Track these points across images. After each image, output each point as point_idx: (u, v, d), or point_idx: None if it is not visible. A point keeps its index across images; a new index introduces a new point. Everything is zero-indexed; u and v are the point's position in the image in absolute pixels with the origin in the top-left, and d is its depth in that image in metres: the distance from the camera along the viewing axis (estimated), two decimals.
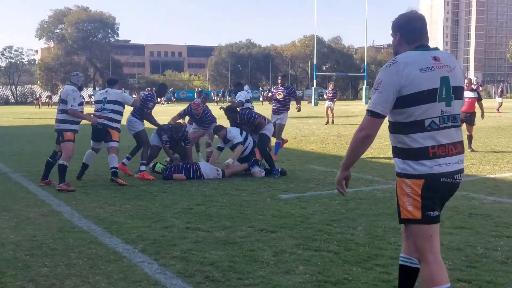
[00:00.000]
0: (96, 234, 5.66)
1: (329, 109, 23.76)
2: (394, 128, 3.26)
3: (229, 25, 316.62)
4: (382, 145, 14.45)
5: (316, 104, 50.79)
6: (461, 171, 3.23)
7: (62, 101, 8.62)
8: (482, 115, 13.72)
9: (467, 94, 12.90)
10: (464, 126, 12.80)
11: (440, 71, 3.11)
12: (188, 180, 9.01)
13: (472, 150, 12.88)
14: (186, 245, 5.21)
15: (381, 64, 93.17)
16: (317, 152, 13.13)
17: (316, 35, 60.82)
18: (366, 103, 54.88)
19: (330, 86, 25.23)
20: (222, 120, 11.31)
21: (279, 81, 13.02)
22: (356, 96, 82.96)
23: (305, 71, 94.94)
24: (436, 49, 3.23)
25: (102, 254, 4.96)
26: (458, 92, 3.18)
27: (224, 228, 5.83)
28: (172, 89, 67.40)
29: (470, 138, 13.17)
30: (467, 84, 13.16)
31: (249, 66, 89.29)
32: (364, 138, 3.27)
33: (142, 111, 9.75)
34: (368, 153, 12.60)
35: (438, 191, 3.17)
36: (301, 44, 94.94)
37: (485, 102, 12.19)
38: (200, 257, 4.84)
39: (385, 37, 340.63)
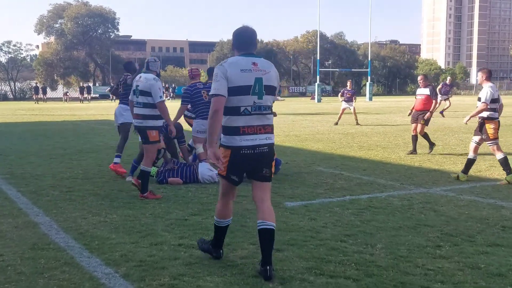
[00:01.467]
0: (73, 253, 4.86)
1: (345, 110, 20.85)
2: (224, 112, 4.25)
3: (231, 20, 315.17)
4: (392, 144, 13.67)
5: (319, 101, 49.83)
6: (268, 144, 4.35)
7: (143, 92, 7.30)
8: (430, 113, 12.00)
9: (422, 91, 12.22)
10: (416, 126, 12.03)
11: (256, 73, 4.27)
12: (185, 185, 8.22)
13: (431, 149, 11.89)
14: (177, 269, 4.41)
15: (384, 60, 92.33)
16: (324, 152, 12.31)
17: (319, 31, 59.86)
18: (370, 99, 54.04)
19: (349, 84, 21.73)
20: None
21: None
22: (359, 92, 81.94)
23: (308, 67, 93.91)
24: (258, 56, 4.40)
25: (76, 280, 4.16)
26: (269, 89, 4.34)
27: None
28: (173, 85, 66.54)
29: (425, 137, 12.05)
30: (421, 81, 12.37)
31: None
32: (215, 113, 4.19)
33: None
34: (378, 153, 11.82)
35: (240, 160, 4.28)
36: (303, 40, 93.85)
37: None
38: (193, 285, 4.05)
39: (388, 33, 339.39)
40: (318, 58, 56.05)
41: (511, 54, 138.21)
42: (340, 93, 21.62)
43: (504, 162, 8.46)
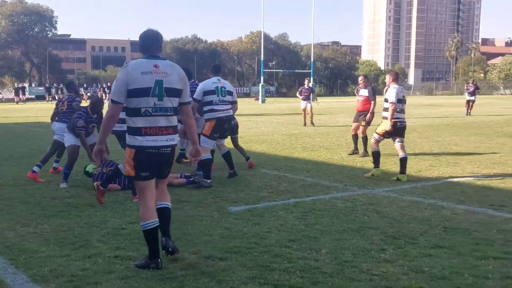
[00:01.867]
0: None
1: (306, 110, 20.27)
2: (127, 113, 4.45)
3: (175, 20, 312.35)
4: (334, 145, 13.73)
5: (263, 102, 49.90)
6: (170, 146, 4.50)
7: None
8: (371, 114, 11.82)
9: (362, 92, 12.12)
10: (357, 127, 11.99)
11: (157, 76, 4.40)
12: (123, 191, 7.89)
13: (366, 154, 11.51)
14: (112, 283, 4.14)
15: (326, 61, 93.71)
16: (268, 154, 12.21)
17: (263, 32, 60.02)
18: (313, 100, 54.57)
19: (306, 83, 21.30)
20: None
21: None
22: None
23: (252, 68, 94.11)
24: (162, 59, 4.50)
25: None
26: (170, 92, 4.46)
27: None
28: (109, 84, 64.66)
29: (364, 139, 11.80)
30: (361, 82, 12.25)
31: (195, 62, 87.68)
32: (109, 118, 4.47)
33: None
34: (322, 154, 11.82)
35: (145, 159, 4.43)
36: (247, 40, 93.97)
37: (425, 99, 11.22)
38: None
39: (331, 35, 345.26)
40: (262, 59, 56.13)
41: (446, 56, 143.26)
42: (298, 91, 21.24)
43: (374, 155, 9.12)
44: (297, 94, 21.33)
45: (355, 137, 12.15)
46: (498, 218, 6.08)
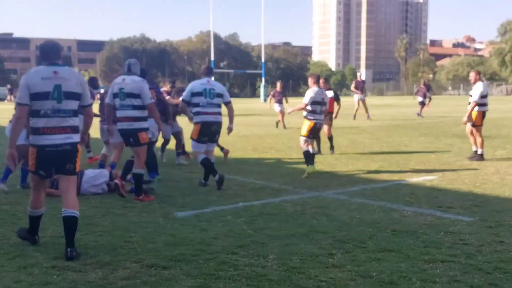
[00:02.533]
0: None
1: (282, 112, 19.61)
2: (30, 114, 4.85)
3: (122, 19, 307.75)
4: (285, 147, 13.68)
5: None
6: (69, 143, 4.92)
7: (130, 95, 7.22)
8: (335, 116, 12.78)
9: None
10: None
11: (56, 81, 4.82)
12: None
13: (333, 152, 12.16)
14: None
15: (277, 61, 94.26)
16: (218, 156, 11.97)
17: (213, 31, 59.78)
18: (265, 100, 54.56)
19: (278, 85, 20.70)
20: None
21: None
22: (254, 94, 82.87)
23: None
24: (62, 65, 4.96)
25: None
26: (69, 95, 4.89)
27: (102, 266, 4.55)
28: None
29: (330, 139, 12.33)
30: (321, 84, 11.90)
31: (144, 61, 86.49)
32: (17, 120, 4.92)
33: None
34: (272, 156, 11.72)
35: (45, 157, 4.88)
36: (197, 40, 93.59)
37: (376, 100, 11.52)
38: None
39: (282, 35, 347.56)
40: (212, 59, 55.92)
41: (396, 57, 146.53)
42: (271, 95, 20.79)
43: (305, 155, 9.40)
44: (269, 97, 21.08)
45: (318, 138, 11.87)
46: (446, 220, 6.10)
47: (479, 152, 10.99)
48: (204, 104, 8.25)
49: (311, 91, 9.41)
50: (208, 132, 8.31)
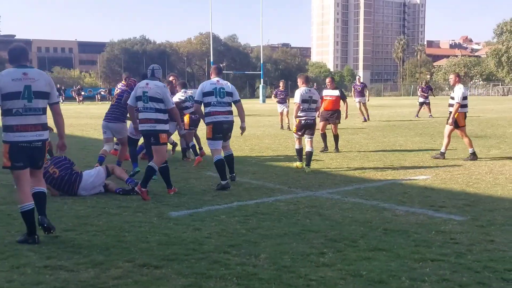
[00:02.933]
0: None
1: (283, 113, 19.41)
2: (2, 113, 5.29)
3: (123, 20, 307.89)
4: (282, 147, 13.71)
5: None
6: (40, 140, 5.37)
7: (153, 99, 7.62)
8: (346, 115, 13.80)
9: (331, 92, 12.91)
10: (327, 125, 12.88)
11: (25, 82, 5.24)
12: (61, 196, 7.60)
13: (338, 151, 12.55)
14: None
15: (276, 62, 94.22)
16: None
17: (212, 33, 59.82)
18: (264, 101, 54.71)
19: (281, 85, 20.12)
20: None
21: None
22: (253, 95, 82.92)
23: (202, 69, 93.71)
24: (30, 67, 5.42)
25: None
26: (38, 94, 5.31)
27: (95, 265, 4.59)
28: (62, 87, 63.18)
29: (336, 137, 12.76)
30: (328, 84, 13.25)
31: (144, 63, 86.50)
32: None
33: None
34: (268, 156, 11.76)
35: (18, 151, 5.28)
36: (197, 42, 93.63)
37: (374, 100, 11.77)
38: None
39: (280, 37, 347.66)
40: (212, 60, 55.98)
41: (394, 58, 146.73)
42: (273, 95, 20.71)
43: (297, 152, 10.25)
44: (272, 97, 20.99)
45: (324, 135, 12.75)
46: (438, 219, 6.15)
47: (471, 151, 11.12)
48: (215, 103, 8.34)
49: (299, 91, 9.94)
50: (221, 130, 8.41)
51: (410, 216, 6.34)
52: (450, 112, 11.46)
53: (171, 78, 11.64)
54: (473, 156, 11.05)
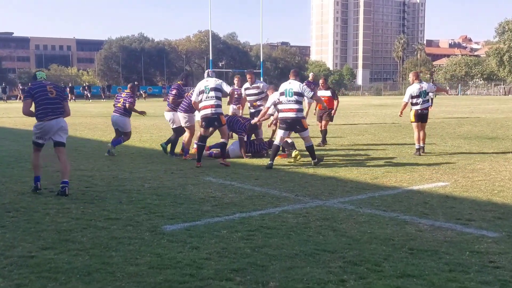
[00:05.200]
0: None
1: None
2: None
3: (120, 18, 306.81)
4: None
5: None
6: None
7: (215, 89, 10.26)
8: (334, 112, 14.60)
9: (323, 93, 14.08)
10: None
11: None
12: (43, 206, 6.84)
13: (325, 143, 13.73)
14: None
15: (276, 61, 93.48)
16: (214, 159, 11.31)
17: (211, 31, 58.99)
18: None
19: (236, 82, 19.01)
20: None
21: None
22: None
23: (201, 67, 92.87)
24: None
25: None
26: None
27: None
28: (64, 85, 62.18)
29: (324, 132, 13.89)
30: (322, 84, 14.56)
31: (142, 61, 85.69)
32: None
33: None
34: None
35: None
36: (196, 40, 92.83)
37: (374, 99, 11.36)
38: None
39: (280, 35, 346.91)
40: (211, 58, 55.07)
41: (393, 57, 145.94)
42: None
43: (289, 145, 11.14)
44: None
45: (324, 131, 13.88)
46: (469, 236, 5.40)
47: (417, 146, 11.84)
48: (285, 102, 10.12)
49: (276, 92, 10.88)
50: (289, 124, 10.11)
51: (437, 231, 5.59)
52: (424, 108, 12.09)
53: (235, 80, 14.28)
54: (417, 152, 11.70)
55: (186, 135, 11.58)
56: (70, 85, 58.95)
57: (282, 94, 10.17)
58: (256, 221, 6.06)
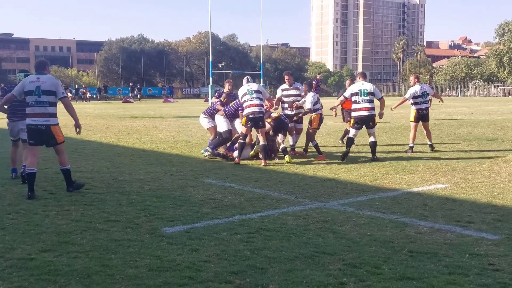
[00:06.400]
0: None
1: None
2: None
3: (121, 19, 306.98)
4: None
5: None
6: (44, 124, 7.56)
7: (258, 91, 11.12)
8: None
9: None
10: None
11: (37, 83, 7.56)
12: (43, 208, 6.84)
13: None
14: None
15: (276, 62, 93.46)
16: (213, 160, 11.31)
17: (211, 32, 58.96)
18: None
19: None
20: None
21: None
22: None
23: (201, 68, 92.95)
24: (44, 74, 7.69)
25: None
26: (46, 92, 7.56)
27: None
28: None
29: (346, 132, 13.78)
30: (348, 84, 14.68)
31: (142, 62, 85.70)
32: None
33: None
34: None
35: (29, 131, 7.68)
36: (196, 41, 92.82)
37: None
38: None
39: (280, 36, 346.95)
40: (210, 59, 54.88)
41: (393, 58, 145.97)
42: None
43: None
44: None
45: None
46: (468, 238, 5.40)
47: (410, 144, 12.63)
48: (360, 101, 11.17)
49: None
50: (364, 121, 11.22)
51: (436, 233, 5.59)
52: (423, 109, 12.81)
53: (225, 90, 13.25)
54: (410, 149, 12.57)
55: (212, 138, 11.98)
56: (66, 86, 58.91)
57: (356, 94, 11.17)
58: (256, 223, 6.06)
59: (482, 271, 4.43)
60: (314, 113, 11.86)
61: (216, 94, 12.88)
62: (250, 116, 10.79)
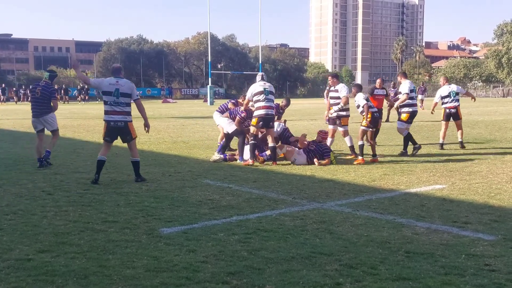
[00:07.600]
0: None
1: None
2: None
3: (119, 20, 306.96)
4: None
5: (212, 103, 48.77)
6: (123, 121, 8.64)
7: (272, 93, 11.15)
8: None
9: (380, 92, 16.22)
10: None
11: (116, 86, 8.62)
12: (41, 209, 6.86)
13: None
14: None
15: (275, 63, 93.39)
16: (213, 161, 11.32)
17: (210, 32, 58.99)
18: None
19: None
20: None
21: None
22: None
23: (200, 69, 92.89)
24: (121, 78, 8.72)
25: None
26: (124, 95, 8.60)
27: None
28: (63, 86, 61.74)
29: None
30: (379, 83, 16.84)
31: (141, 62, 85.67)
32: None
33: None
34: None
35: (109, 128, 8.65)
36: (195, 41, 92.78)
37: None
38: None
39: (278, 37, 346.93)
40: (209, 60, 55.11)
41: (392, 58, 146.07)
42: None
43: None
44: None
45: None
46: (465, 239, 5.42)
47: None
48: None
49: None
50: (414, 117, 12.68)
51: (433, 234, 5.61)
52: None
53: (239, 100, 12.92)
54: (441, 146, 13.33)
55: (221, 136, 12.36)
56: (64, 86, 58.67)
57: (411, 91, 12.49)
58: (253, 224, 6.07)
59: (478, 271, 4.45)
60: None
61: (233, 101, 12.79)
62: (263, 117, 10.81)
